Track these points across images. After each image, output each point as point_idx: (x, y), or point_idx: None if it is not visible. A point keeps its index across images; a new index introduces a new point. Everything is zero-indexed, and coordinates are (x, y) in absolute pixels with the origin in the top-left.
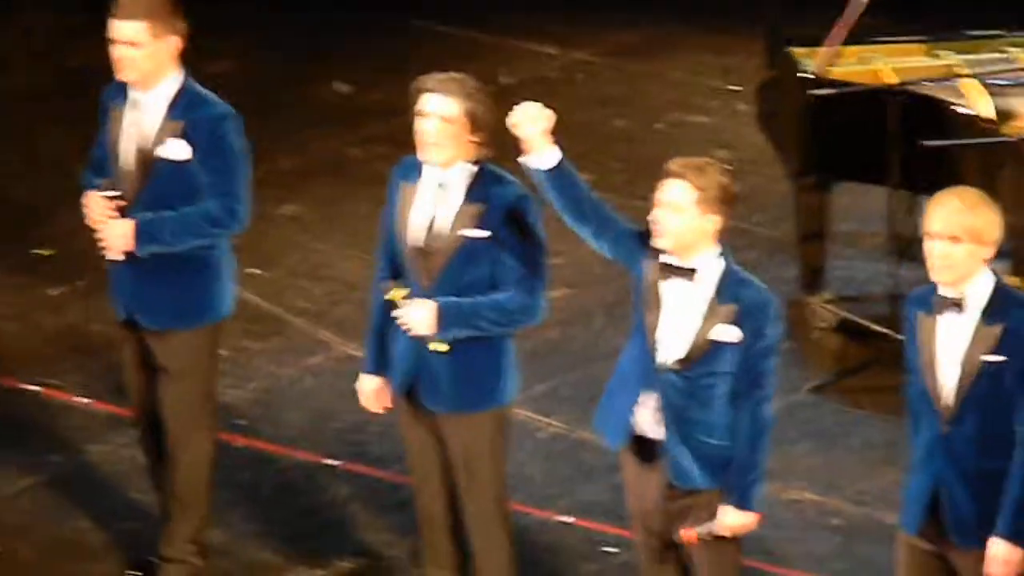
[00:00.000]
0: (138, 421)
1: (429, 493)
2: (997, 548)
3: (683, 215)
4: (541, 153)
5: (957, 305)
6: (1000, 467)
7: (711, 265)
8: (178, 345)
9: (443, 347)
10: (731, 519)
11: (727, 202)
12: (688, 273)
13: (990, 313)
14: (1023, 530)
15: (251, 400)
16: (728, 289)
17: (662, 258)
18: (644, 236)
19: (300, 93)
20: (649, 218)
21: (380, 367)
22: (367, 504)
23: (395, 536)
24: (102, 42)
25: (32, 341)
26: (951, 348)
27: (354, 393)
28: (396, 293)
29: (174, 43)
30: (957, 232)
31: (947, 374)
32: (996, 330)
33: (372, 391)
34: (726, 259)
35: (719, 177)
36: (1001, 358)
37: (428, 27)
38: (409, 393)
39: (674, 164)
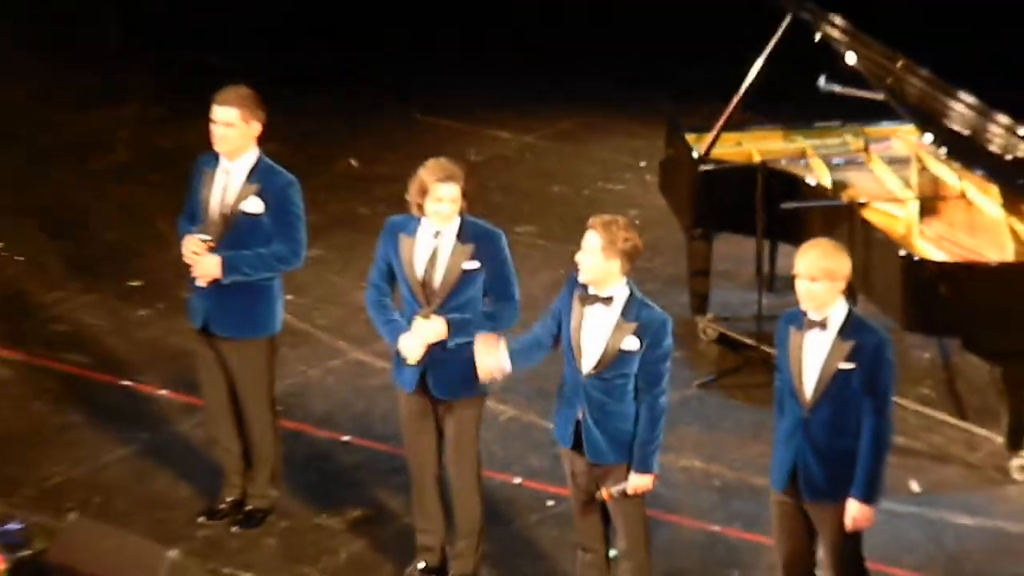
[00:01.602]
0: (206, 407)
1: (421, 465)
2: (852, 506)
3: (595, 257)
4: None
5: (822, 325)
6: (844, 445)
7: (619, 293)
8: (242, 349)
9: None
10: (636, 481)
11: (627, 249)
12: (603, 300)
13: (844, 332)
14: (872, 493)
15: (287, 391)
16: (631, 311)
17: (585, 289)
18: (571, 279)
19: (323, 166)
20: (575, 259)
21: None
22: (371, 469)
23: (392, 493)
24: (179, 127)
25: (127, 349)
26: (814, 356)
27: (363, 387)
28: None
29: (256, 127)
30: (816, 274)
31: (810, 375)
32: (848, 345)
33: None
34: (631, 288)
35: (622, 231)
36: (852, 366)
37: (417, 117)
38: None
39: (591, 220)
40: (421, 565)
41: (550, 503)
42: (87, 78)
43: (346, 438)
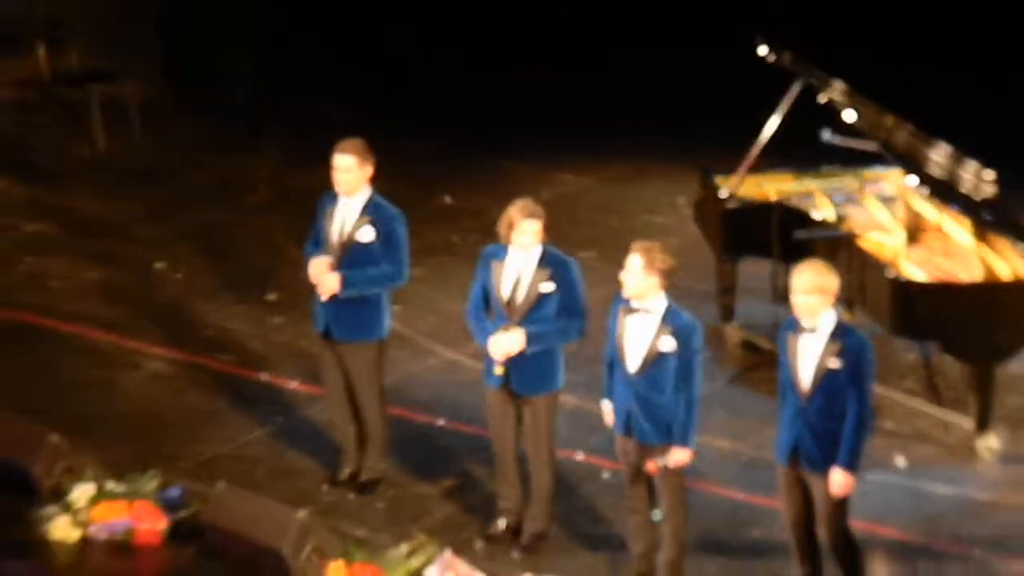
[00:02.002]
0: (327, 397)
1: (503, 446)
2: (836, 475)
3: (636, 276)
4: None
5: (813, 331)
6: (834, 428)
7: (658, 305)
8: (357, 350)
9: (501, 370)
10: (677, 456)
11: (664, 268)
12: (644, 311)
13: (833, 337)
14: (852, 464)
15: (393, 384)
16: (668, 319)
17: (628, 303)
18: (617, 296)
19: (423, 202)
20: (620, 277)
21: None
22: (461, 447)
23: (479, 466)
24: (305, 170)
25: (265, 349)
26: (808, 357)
27: (455, 380)
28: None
29: (369, 170)
30: (810, 290)
31: (805, 373)
32: (836, 347)
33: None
34: (668, 301)
35: (659, 253)
36: (839, 364)
37: (500, 162)
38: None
39: (634, 244)
40: (502, 524)
41: (605, 475)
42: (230, 129)
43: (441, 422)
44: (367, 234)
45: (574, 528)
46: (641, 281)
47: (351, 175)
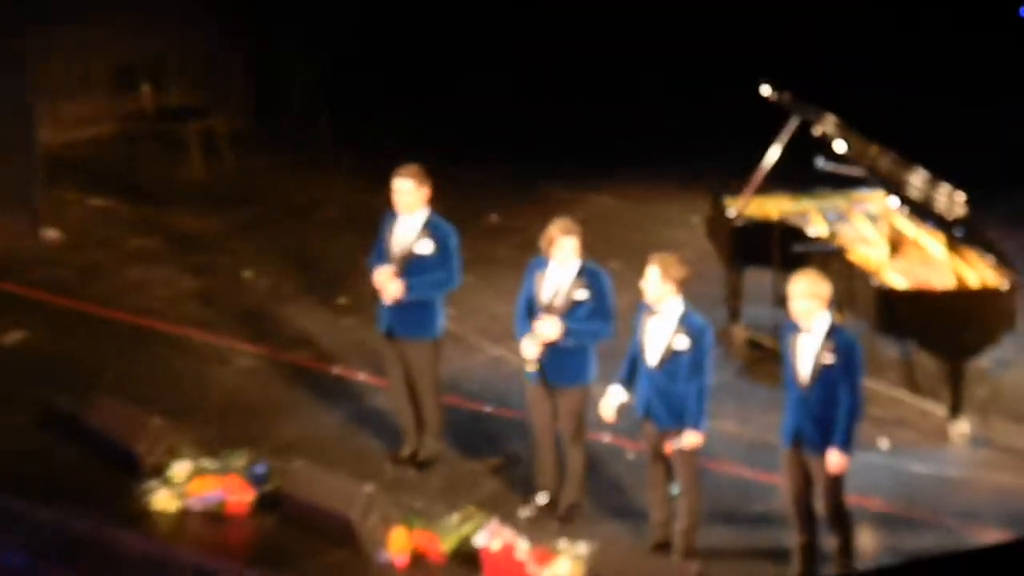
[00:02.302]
0: (390, 387)
1: (541, 430)
2: (832, 455)
3: (654, 284)
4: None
5: (809, 332)
6: (830, 415)
7: (675, 308)
8: (415, 347)
9: (535, 367)
10: (690, 439)
11: (678, 276)
12: (662, 314)
13: (827, 336)
14: (846, 445)
15: (446, 376)
16: (682, 321)
17: (649, 307)
18: (640, 304)
19: (474, 220)
20: (639, 286)
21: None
22: (506, 431)
23: (520, 448)
24: (370, 192)
25: (337, 346)
26: (806, 355)
27: (499, 373)
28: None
29: (426, 192)
30: (806, 296)
31: (804, 368)
32: (830, 346)
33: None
34: (684, 304)
35: (674, 264)
36: (832, 361)
37: (538, 185)
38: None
39: (651, 256)
40: (540, 498)
41: (630, 456)
42: (306, 156)
43: (488, 409)
44: (425, 247)
45: (603, 501)
46: (658, 288)
47: (410, 196)
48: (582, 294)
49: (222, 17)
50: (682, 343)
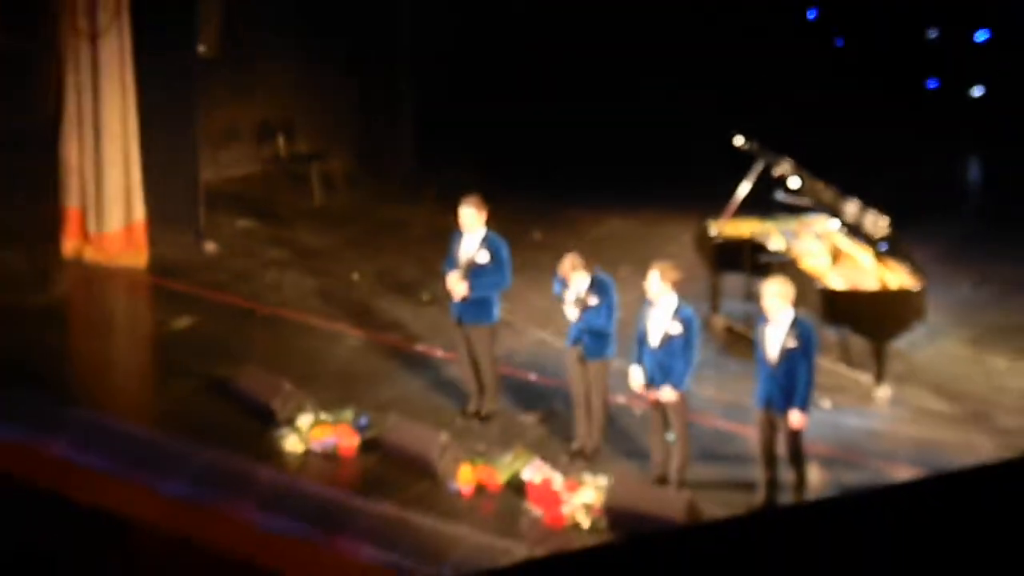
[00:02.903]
0: (459, 361)
1: (576, 392)
2: (794, 415)
3: (656, 285)
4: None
5: (776, 323)
6: (791, 385)
7: (671, 302)
8: (478, 330)
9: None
10: (667, 394)
11: (674, 279)
12: (661, 306)
13: (790, 327)
14: (805, 407)
15: (501, 352)
16: (676, 312)
17: (650, 301)
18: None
19: (520, 236)
20: (644, 286)
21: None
22: (547, 392)
23: (560, 405)
24: (444, 215)
25: (422, 330)
26: (773, 341)
27: (543, 350)
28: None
29: (484, 215)
30: (774, 295)
31: (773, 351)
32: (794, 333)
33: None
34: (677, 298)
35: (670, 269)
36: (794, 345)
37: (569, 209)
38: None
39: (653, 264)
40: (575, 445)
41: (637, 412)
42: (399, 187)
43: (533, 377)
44: (483, 257)
45: (617, 446)
46: (658, 287)
47: (471, 219)
48: (593, 300)
49: (335, 88)
50: (676, 328)
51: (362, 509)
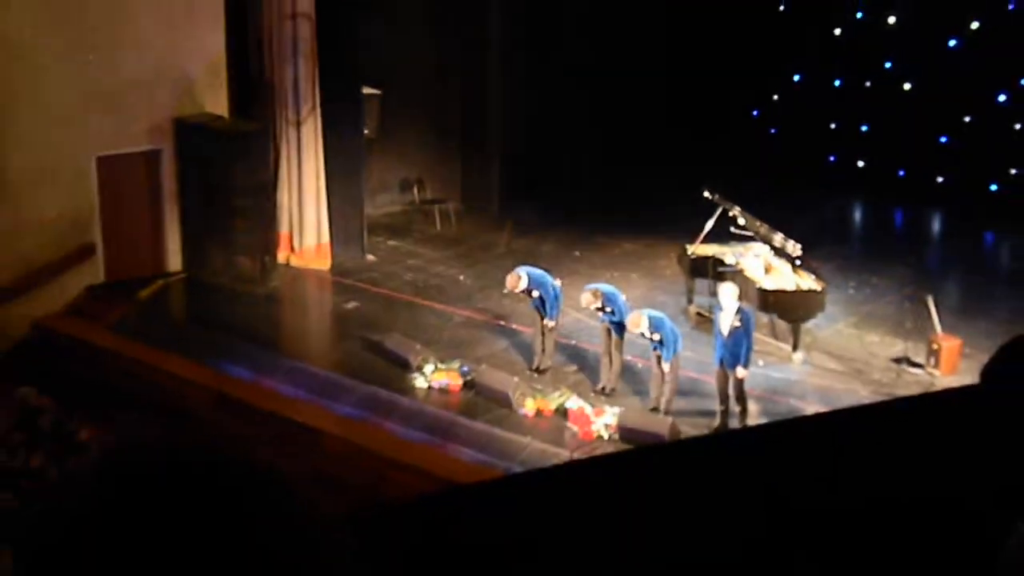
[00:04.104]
0: (535, 335)
1: (605, 350)
2: (739, 371)
3: (731, 296)
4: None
5: (728, 311)
6: (737, 351)
7: (733, 306)
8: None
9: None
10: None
11: (737, 295)
12: (726, 310)
13: (736, 313)
14: (747, 365)
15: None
16: (737, 312)
17: (720, 306)
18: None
19: (564, 254)
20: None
21: None
22: (583, 354)
23: (592, 361)
24: (518, 236)
25: (507, 312)
26: (725, 322)
27: (581, 326)
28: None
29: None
30: (728, 294)
31: (725, 329)
32: (738, 318)
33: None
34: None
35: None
36: (739, 325)
37: (596, 235)
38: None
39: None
40: (600, 386)
41: (639, 366)
42: (490, 218)
43: (574, 342)
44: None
45: (628, 386)
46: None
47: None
48: (607, 309)
49: (451, 153)
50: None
51: (464, 425)
